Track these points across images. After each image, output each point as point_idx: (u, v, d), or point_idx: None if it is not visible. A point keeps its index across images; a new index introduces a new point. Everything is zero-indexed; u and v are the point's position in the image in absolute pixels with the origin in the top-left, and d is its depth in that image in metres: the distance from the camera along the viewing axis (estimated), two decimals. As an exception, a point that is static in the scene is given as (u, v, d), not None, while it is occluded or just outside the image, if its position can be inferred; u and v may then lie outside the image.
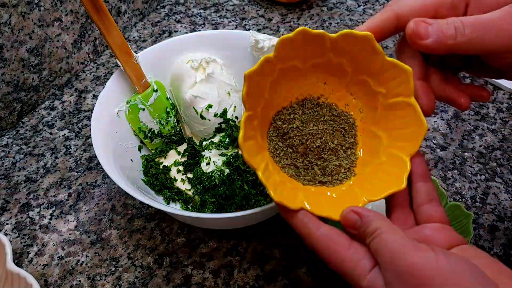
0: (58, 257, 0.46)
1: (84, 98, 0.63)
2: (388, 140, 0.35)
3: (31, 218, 0.49)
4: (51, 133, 0.58)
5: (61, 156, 0.55)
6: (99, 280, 0.44)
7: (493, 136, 0.57)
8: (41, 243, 0.47)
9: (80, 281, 0.44)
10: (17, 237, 0.48)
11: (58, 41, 0.61)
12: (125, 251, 0.46)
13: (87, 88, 0.64)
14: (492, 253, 0.46)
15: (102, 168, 0.43)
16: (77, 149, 0.56)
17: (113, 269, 0.45)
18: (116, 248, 0.47)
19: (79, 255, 0.46)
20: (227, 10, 0.78)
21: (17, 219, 0.49)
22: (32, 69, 0.58)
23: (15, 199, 0.51)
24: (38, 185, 0.52)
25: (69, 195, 0.51)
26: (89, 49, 0.67)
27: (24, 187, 0.52)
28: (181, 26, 0.75)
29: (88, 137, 0.57)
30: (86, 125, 0.59)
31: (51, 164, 0.55)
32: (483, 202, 0.50)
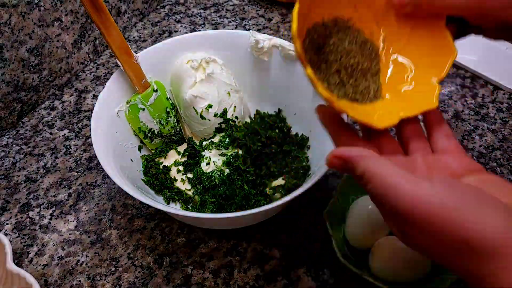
0: (58, 257, 0.46)
1: (84, 98, 0.63)
2: (414, 67, 0.35)
3: (31, 218, 0.49)
4: (51, 133, 0.58)
5: (61, 156, 0.55)
6: (99, 280, 0.44)
7: (493, 136, 0.57)
8: (41, 243, 0.47)
9: (80, 281, 0.44)
10: (17, 237, 0.48)
11: (58, 41, 0.61)
12: (125, 251, 0.46)
13: (87, 88, 0.64)
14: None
15: (102, 168, 0.43)
16: (77, 149, 0.56)
17: (113, 269, 0.45)
18: (116, 248, 0.47)
19: (79, 255, 0.46)
20: (227, 10, 0.78)
21: (17, 219, 0.49)
22: (32, 69, 0.58)
23: (15, 199, 0.51)
24: (38, 185, 0.52)
25: (69, 195, 0.51)
26: (89, 49, 0.67)
27: (24, 187, 0.52)
28: (181, 26, 0.75)
29: (88, 137, 0.57)
30: (86, 125, 0.59)
31: (51, 164, 0.55)
32: (483, 202, 0.50)
